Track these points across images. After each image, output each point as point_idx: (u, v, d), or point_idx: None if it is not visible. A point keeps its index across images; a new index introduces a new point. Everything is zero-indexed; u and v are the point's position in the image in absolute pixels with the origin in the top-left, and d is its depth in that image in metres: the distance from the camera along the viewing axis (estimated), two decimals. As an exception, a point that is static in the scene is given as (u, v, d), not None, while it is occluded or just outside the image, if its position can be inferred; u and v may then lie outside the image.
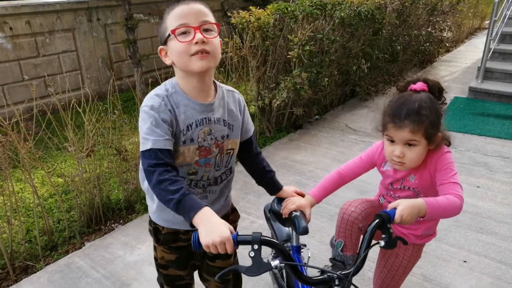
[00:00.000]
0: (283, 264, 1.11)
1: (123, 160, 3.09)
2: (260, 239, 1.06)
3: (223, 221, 1.09)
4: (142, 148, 1.21)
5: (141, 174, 1.40)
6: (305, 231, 1.40)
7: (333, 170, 1.64)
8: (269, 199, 1.64)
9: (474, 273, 2.39)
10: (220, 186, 1.44)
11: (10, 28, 4.75)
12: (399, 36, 5.93)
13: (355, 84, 5.44)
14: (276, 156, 3.88)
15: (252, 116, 4.09)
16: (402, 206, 1.21)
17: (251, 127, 1.50)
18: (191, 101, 1.28)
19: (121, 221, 2.98)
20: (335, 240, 1.56)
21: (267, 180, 1.59)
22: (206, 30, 1.22)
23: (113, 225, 2.94)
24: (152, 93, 1.28)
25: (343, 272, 1.13)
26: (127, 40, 5.24)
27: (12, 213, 2.60)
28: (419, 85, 1.36)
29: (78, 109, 2.68)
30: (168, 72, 3.77)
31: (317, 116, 4.95)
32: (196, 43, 1.19)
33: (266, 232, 2.54)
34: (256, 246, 1.06)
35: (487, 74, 5.63)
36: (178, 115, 1.26)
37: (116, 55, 5.93)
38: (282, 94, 3.94)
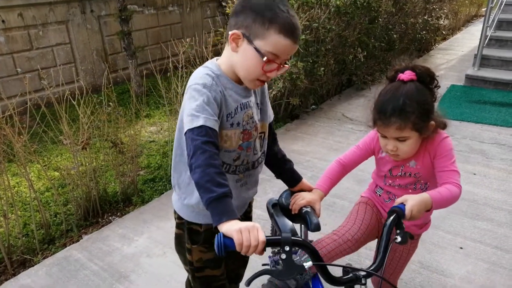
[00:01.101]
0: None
1: (119, 153, 3.08)
2: (291, 240, 1.01)
3: (252, 223, 1.04)
4: (191, 125, 1.14)
5: (178, 167, 1.36)
6: (318, 228, 1.38)
7: (330, 159, 1.64)
8: (266, 188, 1.63)
9: (470, 259, 2.40)
10: (257, 170, 1.44)
11: (3, 21, 4.69)
12: (395, 24, 5.89)
13: (352, 73, 5.42)
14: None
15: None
16: (412, 202, 1.21)
17: (272, 112, 1.50)
18: (234, 85, 1.28)
19: (118, 214, 2.98)
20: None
21: (287, 170, 1.57)
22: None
23: (110, 217, 2.94)
24: (200, 72, 1.26)
25: (368, 269, 1.11)
26: (122, 32, 5.20)
27: (9, 207, 2.59)
28: (407, 74, 1.32)
29: (73, 101, 2.66)
30: (163, 64, 3.76)
31: (313, 106, 4.94)
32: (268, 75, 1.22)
33: (264, 226, 2.54)
34: (287, 248, 1.01)
35: (484, 61, 5.62)
36: (226, 97, 1.25)
37: (111, 47, 5.88)
38: (278, 84, 3.92)
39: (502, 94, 5.05)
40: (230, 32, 1.21)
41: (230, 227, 1.00)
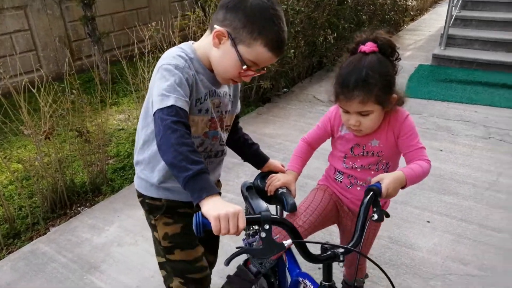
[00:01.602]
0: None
1: (86, 142, 2.98)
2: (271, 218, 1.00)
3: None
4: (161, 105, 1.11)
5: (142, 147, 1.35)
6: (294, 208, 1.39)
7: (301, 142, 1.63)
8: (238, 172, 1.61)
9: (437, 232, 2.48)
10: (218, 159, 1.45)
11: (-46, 8, 4.42)
12: (364, 5, 5.92)
13: (322, 55, 5.42)
14: (244, 131, 3.85)
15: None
16: (388, 180, 1.22)
17: (239, 104, 1.51)
18: (207, 71, 1.27)
19: (87, 204, 2.91)
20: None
21: (252, 153, 1.59)
22: None
23: (79, 208, 2.86)
24: (173, 52, 1.22)
25: (347, 247, 1.12)
26: (85, 17, 4.99)
27: (-31, 202, 2.48)
28: (369, 46, 1.29)
29: (32, 89, 2.54)
30: (130, 50, 3.63)
31: (285, 89, 4.93)
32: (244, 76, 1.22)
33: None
34: (267, 226, 1.00)
35: (450, 41, 5.73)
36: (197, 81, 1.23)
37: (74, 33, 5.65)
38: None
39: (467, 73, 5.19)
40: (216, 27, 1.18)
41: (210, 210, 0.97)
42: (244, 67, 1.18)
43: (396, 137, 1.40)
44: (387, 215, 1.20)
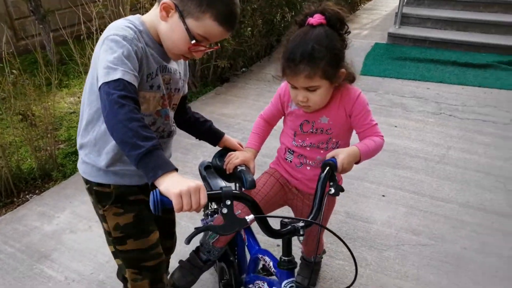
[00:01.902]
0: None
1: (31, 126, 2.81)
2: (232, 194, 0.98)
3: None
4: (107, 78, 1.01)
5: (86, 128, 1.24)
6: (253, 185, 1.37)
7: (260, 121, 1.60)
8: (196, 153, 1.56)
9: (391, 205, 2.56)
10: (171, 139, 1.40)
11: None
12: (321, -17, 5.89)
13: (280, 34, 5.37)
14: (202, 111, 3.69)
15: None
16: (342, 156, 1.23)
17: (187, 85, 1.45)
18: (157, 45, 1.19)
19: (37, 191, 2.76)
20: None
21: (206, 129, 1.54)
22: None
23: (27, 196, 2.71)
24: (120, 23, 1.13)
25: (307, 219, 1.12)
26: (27, -7, 4.64)
27: None
28: (316, 18, 1.24)
29: (-34, 70, 2.34)
30: (76, 30, 3.42)
31: (243, 69, 4.87)
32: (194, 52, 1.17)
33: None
34: (228, 202, 0.97)
35: (404, 19, 5.85)
36: (148, 55, 1.15)
37: (17, 10, 5.26)
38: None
39: (420, 51, 5.33)
40: None
41: (170, 187, 0.91)
42: (193, 41, 1.11)
43: (349, 115, 1.39)
44: (342, 190, 1.21)
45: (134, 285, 1.38)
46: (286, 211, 2.38)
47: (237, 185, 1.60)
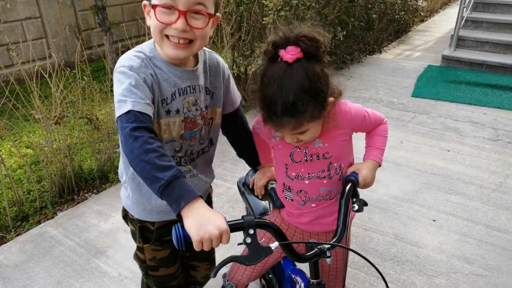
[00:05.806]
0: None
1: (95, 129, 3.00)
2: (255, 223, 0.95)
3: (216, 212, 0.94)
4: (119, 112, 1.01)
5: (123, 163, 1.24)
6: (283, 204, 1.35)
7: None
8: (244, 165, 1.57)
9: (443, 231, 2.48)
10: (206, 156, 1.35)
11: (-33, -8, 4.44)
12: (374, 4, 5.89)
13: (331, 53, 5.40)
14: (251, 125, 3.85)
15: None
16: (365, 171, 1.20)
17: (237, 97, 1.39)
18: (172, 67, 1.15)
19: (95, 191, 2.93)
20: (227, 280, 1.55)
21: (248, 153, 1.48)
22: (196, 13, 1.05)
23: (86, 194, 2.89)
24: (128, 54, 1.13)
25: (331, 242, 1.09)
26: (95, 7, 4.99)
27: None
28: (291, 53, 1.02)
29: (45, 75, 2.56)
30: (139, 41, 3.64)
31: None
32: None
33: (240, 203, 2.53)
34: (251, 231, 0.94)
35: (460, 42, 5.70)
36: (160, 81, 1.12)
37: (85, 22, 5.67)
38: (257, 61, 3.88)
39: (476, 75, 5.16)
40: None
41: (193, 228, 0.90)
42: (153, 4, 1.05)
43: (352, 131, 1.27)
44: (366, 204, 1.16)
45: None
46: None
47: (269, 203, 1.56)
